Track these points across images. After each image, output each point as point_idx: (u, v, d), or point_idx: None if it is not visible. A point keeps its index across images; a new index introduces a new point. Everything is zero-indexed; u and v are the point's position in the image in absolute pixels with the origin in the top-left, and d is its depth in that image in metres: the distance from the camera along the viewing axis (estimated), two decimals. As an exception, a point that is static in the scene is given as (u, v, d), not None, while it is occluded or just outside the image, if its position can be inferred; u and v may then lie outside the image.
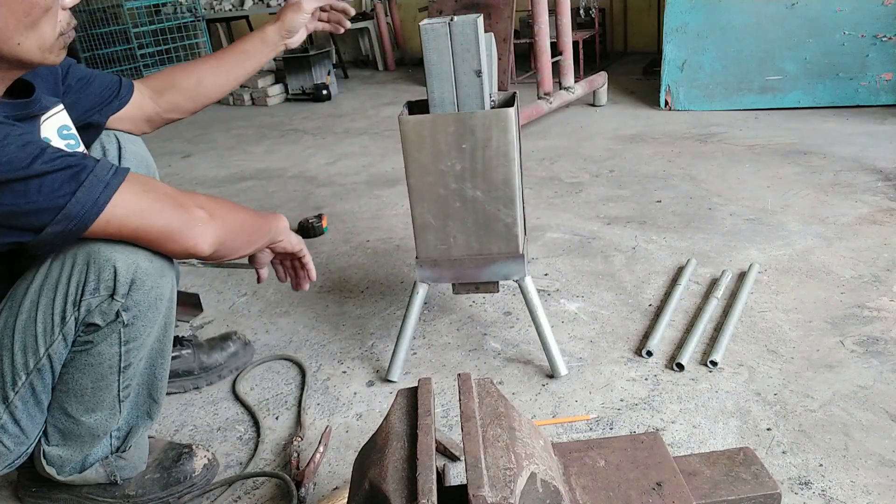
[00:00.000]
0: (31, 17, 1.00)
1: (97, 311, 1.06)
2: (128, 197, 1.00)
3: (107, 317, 1.07)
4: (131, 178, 1.02)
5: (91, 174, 0.97)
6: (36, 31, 1.02)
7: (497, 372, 1.64)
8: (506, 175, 1.42)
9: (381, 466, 0.86)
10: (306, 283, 1.42)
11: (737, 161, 2.94)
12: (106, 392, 1.15)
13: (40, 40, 1.03)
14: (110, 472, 1.26)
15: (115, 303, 1.06)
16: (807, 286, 1.87)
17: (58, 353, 1.09)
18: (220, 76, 1.52)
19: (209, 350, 1.71)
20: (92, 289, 1.04)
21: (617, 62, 5.57)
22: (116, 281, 1.04)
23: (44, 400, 1.14)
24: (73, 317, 1.06)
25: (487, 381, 0.98)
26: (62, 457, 1.20)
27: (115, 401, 1.17)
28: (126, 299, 1.07)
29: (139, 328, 1.12)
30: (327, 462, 1.39)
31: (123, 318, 1.08)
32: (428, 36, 1.35)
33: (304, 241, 1.38)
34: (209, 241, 1.07)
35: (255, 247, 1.24)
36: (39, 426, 1.16)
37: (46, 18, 1.02)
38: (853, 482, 1.21)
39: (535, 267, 2.14)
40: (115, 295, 1.05)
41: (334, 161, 3.62)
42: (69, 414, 1.16)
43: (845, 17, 3.43)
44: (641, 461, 0.99)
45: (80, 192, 0.95)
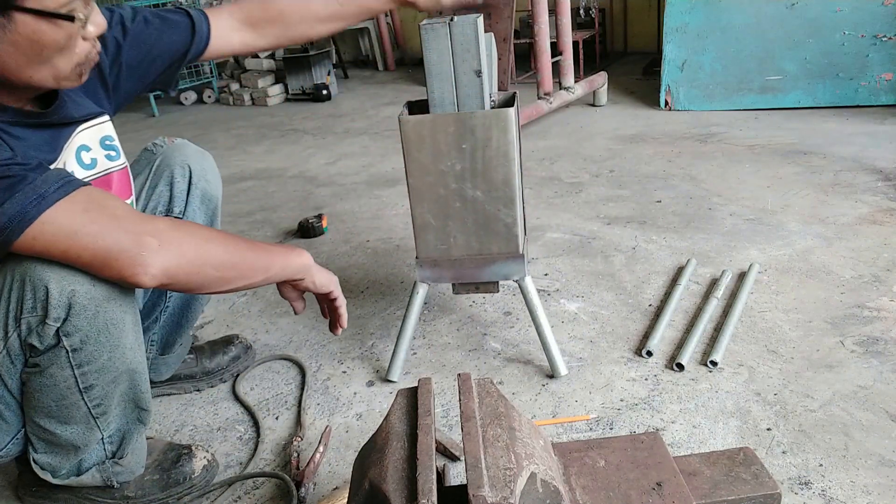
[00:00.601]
0: (43, 56, 0.98)
1: (35, 332, 1.02)
2: (62, 214, 0.93)
3: (44, 339, 1.03)
4: (76, 195, 0.95)
5: (28, 186, 0.92)
6: (49, 65, 0.99)
7: (497, 372, 1.64)
8: (506, 175, 1.42)
9: (381, 466, 0.86)
10: (338, 329, 1.30)
11: (737, 161, 2.94)
12: (74, 409, 1.12)
13: (54, 72, 1.01)
14: (107, 478, 1.25)
15: (49, 326, 1.01)
16: (807, 286, 1.87)
17: (6, 368, 1.06)
18: (336, 24, 1.41)
19: (211, 354, 1.70)
20: (30, 307, 1.00)
21: (617, 62, 5.57)
22: (48, 304, 0.99)
23: (4, 412, 1.12)
24: (16, 333, 1.02)
25: (487, 381, 0.98)
26: (52, 463, 1.20)
27: (89, 417, 1.15)
28: (65, 324, 1.02)
29: (92, 353, 1.07)
30: (327, 462, 1.39)
31: (66, 344, 1.04)
32: (428, 36, 1.35)
33: (337, 282, 1.26)
34: (153, 272, 0.98)
35: (243, 283, 1.11)
36: (8, 435, 1.15)
37: (61, 55, 0.99)
38: (853, 482, 1.21)
39: (535, 267, 2.14)
40: (48, 318, 1.00)
41: (334, 161, 3.62)
42: (43, 427, 1.14)
43: (845, 17, 3.43)
44: (641, 461, 0.99)
45: (8, 203, 0.90)
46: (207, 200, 1.46)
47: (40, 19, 0.93)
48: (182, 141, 1.47)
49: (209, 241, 1.06)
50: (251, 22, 1.39)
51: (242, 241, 1.13)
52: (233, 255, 1.09)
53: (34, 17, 0.93)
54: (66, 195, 0.94)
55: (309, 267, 1.20)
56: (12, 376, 1.08)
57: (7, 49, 0.94)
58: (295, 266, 1.18)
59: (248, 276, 1.11)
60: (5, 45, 0.94)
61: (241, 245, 1.11)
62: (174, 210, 1.42)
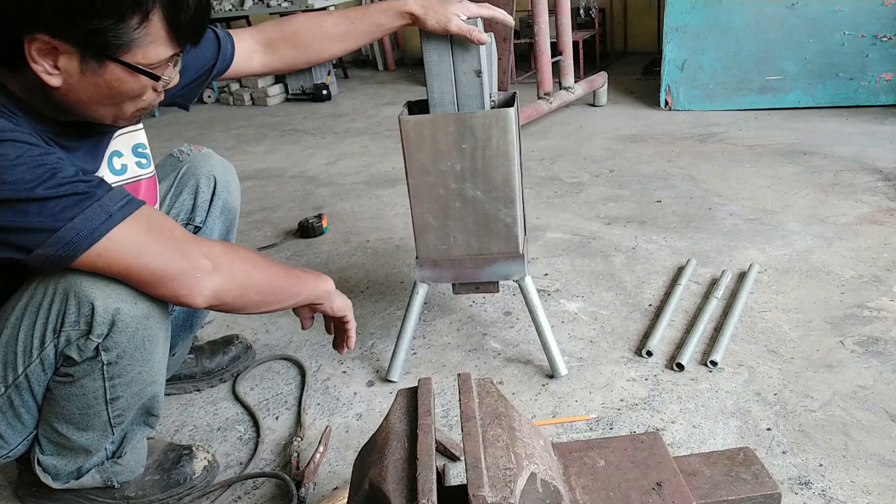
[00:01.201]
0: (115, 100, 1.01)
1: (75, 345, 1.03)
2: (127, 233, 0.96)
3: (83, 353, 1.04)
4: (139, 214, 0.98)
5: (96, 203, 0.94)
6: (116, 106, 1.02)
7: (497, 372, 1.64)
8: (506, 175, 1.42)
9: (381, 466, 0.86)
10: (343, 349, 1.35)
11: (737, 161, 2.94)
12: (95, 418, 1.13)
13: (117, 112, 1.04)
14: (107, 478, 1.26)
15: (91, 341, 1.03)
16: (807, 286, 1.87)
17: (36, 376, 1.07)
18: (349, 44, 1.44)
19: (211, 354, 1.70)
20: (72, 321, 1.02)
21: (617, 62, 5.57)
22: (94, 319, 1.01)
23: (24, 415, 1.12)
24: (53, 344, 1.04)
25: (487, 381, 0.98)
26: (56, 466, 1.20)
27: (107, 425, 1.16)
28: (106, 340, 1.04)
29: (125, 367, 1.09)
30: (327, 462, 1.39)
31: (103, 358, 1.06)
32: (428, 36, 1.35)
33: (351, 307, 1.31)
34: (205, 293, 1.02)
35: (276, 307, 1.17)
36: (21, 436, 1.15)
37: (131, 101, 1.03)
38: (853, 482, 1.21)
39: (535, 267, 2.14)
40: (92, 334, 1.02)
41: (334, 161, 3.62)
42: (59, 432, 1.15)
43: (845, 17, 3.43)
44: (641, 461, 0.99)
45: (78, 218, 0.92)
46: (227, 211, 1.49)
47: (128, 71, 0.96)
48: (208, 151, 1.49)
49: (256, 268, 1.11)
50: (269, 44, 1.43)
51: (280, 268, 1.18)
52: (272, 281, 1.14)
53: (124, 68, 0.96)
54: (129, 214, 0.97)
55: (330, 293, 1.25)
56: (41, 384, 1.09)
57: (86, 86, 0.96)
58: (319, 292, 1.23)
59: (282, 300, 1.18)
60: (87, 84, 0.96)
61: (280, 272, 1.17)
62: (195, 219, 1.45)
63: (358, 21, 1.41)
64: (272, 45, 1.43)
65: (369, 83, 5.91)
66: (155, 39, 0.96)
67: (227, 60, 1.38)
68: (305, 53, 1.43)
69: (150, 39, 0.95)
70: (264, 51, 1.43)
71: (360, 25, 1.41)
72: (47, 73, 0.93)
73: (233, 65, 1.40)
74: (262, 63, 1.44)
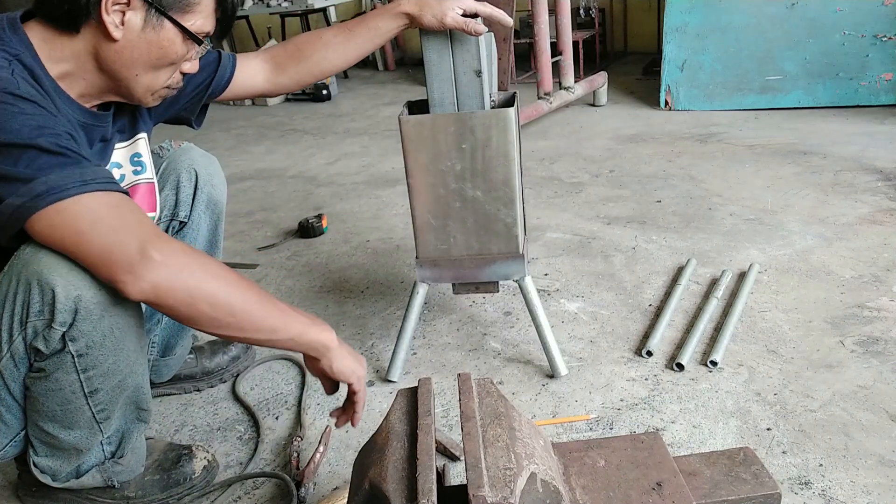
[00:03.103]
0: (158, 63, 1.11)
1: (41, 336, 1.02)
2: (93, 202, 0.95)
3: (49, 343, 1.03)
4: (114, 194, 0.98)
5: (78, 168, 0.95)
6: (154, 73, 1.12)
7: (497, 372, 1.64)
8: (506, 175, 1.42)
9: (381, 466, 0.86)
10: (342, 421, 1.19)
11: (737, 161, 2.94)
12: (78, 414, 1.13)
13: (152, 82, 1.13)
14: (107, 478, 1.26)
15: (55, 331, 1.01)
16: (807, 286, 1.87)
17: (9, 372, 1.07)
18: (350, 52, 1.44)
19: (211, 354, 1.70)
20: (37, 310, 1.00)
21: (617, 62, 5.57)
22: (55, 307, 0.99)
23: (5, 414, 1.12)
24: (21, 336, 1.03)
25: (487, 381, 0.98)
26: (52, 467, 1.20)
27: (92, 421, 1.15)
28: (71, 329, 1.02)
29: (97, 358, 1.07)
30: (327, 462, 1.39)
31: (71, 349, 1.04)
32: (428, 36, 1.35)
33: (362, 376, 1.14)
34: (143, 285, 0.95)
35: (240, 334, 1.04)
36: (7, 437, 1.15)
37: (167, 69, 1.13)
38: (853, 482, 1.21)
39: (535, 267, 2.14)
40: (54, 322, 1.00)
41: (334, 161, 3.62)
42: (46, 431, 1.15)
43: (845, 17, 3.42)
44: (641, 461, 0.99)
45: (55, 175, 0.93)
46: (213, 205, 1.48)
47: (180, 33, 1.09)
48: (188, 144, 1.48)
49: (216, 278, 1.01)
50: (276, 62, 1.46)
51: (257, 294, 1.05)
52: (236, 302, 1.01)
53: (178, 29, 1.09)
54: (105, 189, 0.97)
55: (329, 348, 1.09)
56: (16, 380, 1.09)
57: (140, 44, 1.07)
58: (309, 340, 1.08)
59: (246, 328, 1.03)
60: (142, 42, 1.07)
61: (253, 296, 1.04)
62: (179, 214, 1.44)
63: (356, 28, 1.42)
64: (278, 64, 1.46)
65: (369, 83, 5.91)
66: (204, 12, 1.11)
67: (224, 79, 1.41)
68: (309, 66, 1.45)
69: (201, 10, 1.10)
70: (271, 69, 1.46)
71: (358, 31, 1.42)
72: (115, 25, 1.03)
73: (234, 83, 1.43)
74: (267, 80, 1.46)
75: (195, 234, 1.47)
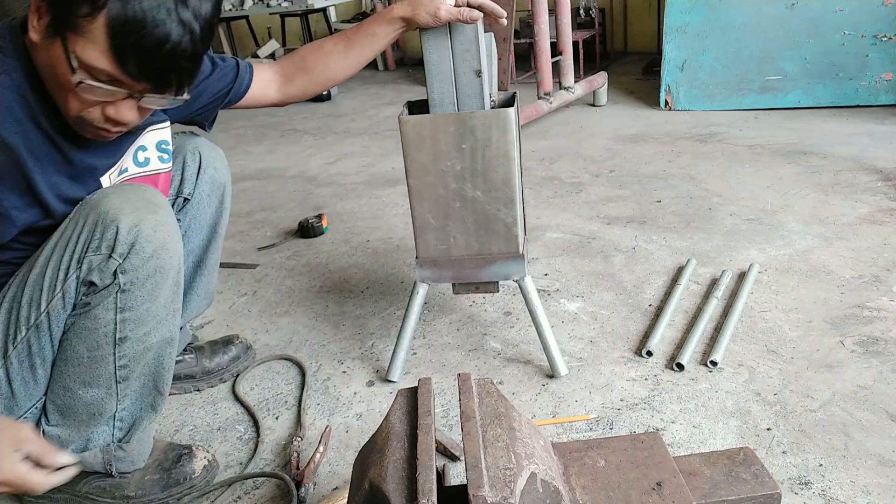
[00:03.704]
0: (59, 83, 1.01)
1: (96, 269, 1.08)
2: None
3: (104, 276, 1.09)
4: None
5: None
6: (70, 97, 1.02)
7: (497, 372, 1.64)
8: (506, 175, 1.42)
9: (381, 466, 0.86)
10: None
11: (737, 161, 2.94)
12: (102, 364, 1.16)
13: (73, 108, 1.03)
14: (107, 461, 1.26)
15: (113, 261, 1.08)
16: (807, 286, 1.87)
17: (56, 312, 1.11)
18: (350, 59, 1.47)
19: (211, 354, 1.70)
20: (95, 247, 1.07)
21: (617, 62, 5.57)
22: (117, 240, 1.07)
23: (38, 366, 1.15)
24: (76, 274, 1.09)
25: (487, 381, 0.98)
26: (61, 437, 1.21)
27: (112, 379, 1.18)
28: (125, 261, 1.08)
29: (136, 297, 1.12)
30: (327, 462, 1.39)
31: (120, 281, 1.09)
32: (428, 36, 1.35)
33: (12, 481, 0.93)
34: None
35: None
36: (31, 398, 1.17)
37: (75, 99, 1.02)
38: (853, 482, 1.21)
39: (535, 267, 2.14)
40: (114, 254, 1.07)
41: (334, 161, 3.62)
42: (67, 387, 1.17)
43: (845, 17, 3.42)
44: (641, 461, 0.99)
45: None
46: (216, 187, 1.52)
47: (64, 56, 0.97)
48: (193, 132, 1.54)
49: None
50: (285, 74, 1.50)
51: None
52: None
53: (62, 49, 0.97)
54: None
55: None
56: (59, 323, 1.12)
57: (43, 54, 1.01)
58: None
59: None
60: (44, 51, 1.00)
61: None
62: (184, 191, 1.48)
63: (354, 36, 1.45)
64: (287, 75, 1.50)
65: (369, 83, 5.91)
66: (94, 42, 0.95)
67: (242, 88, 1.45)
68: (314, 76, 1.49)
69: (90, 37, 0.94)
70: (281, 80, 1.50)
71: (356, 39, 1.44)
72: (32, 27, 0.99)
73: (250, 93, 1.46)
74: (279, 91, 1.50)
75: (197, 212, 1.52)
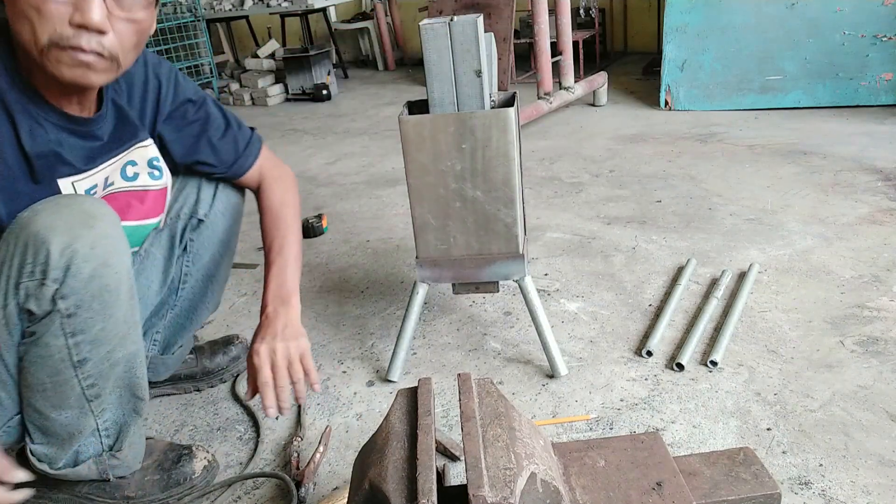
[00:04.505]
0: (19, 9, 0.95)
1: (33, 297, 1.01)
2: None
3: (41, 304, 1.02)
4: None
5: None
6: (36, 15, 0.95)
7: (497, 372, 1.64)
8: (506, 175, 1.42)
9: (381, 466, 0.86)
10: None
11: (737, 161, 2.94)
12: (67, 388, 1.11)
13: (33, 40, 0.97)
14: (102, 470, 1.25)
15: (48, 287, 1.00)
16: (807, 286, 1.87)
17: (3, 341, 1.06)
18: None
19: (211, 354, 1.70)
20: (29, 272, 1.00)
21: (617, 62, 5.57)
22: (48, 264, 0.99)
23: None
24: (15, 301, 1.02)
25: (487, 381, 0.98)
26: (48, 454, 1.19)
27: (82, 399, 1.14)
28: (62, 286, 1.01)
29: (85, 320, 1.06)
30: (327, 462, 1.39)
31: (61, 307, 1.03)
32: (428, 36, 1.35)
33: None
34: None
35: None
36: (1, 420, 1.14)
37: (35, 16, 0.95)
38: (853, 482, 1.21)
39: (535, 267, 2.14)
40: (47, 279, 1.00)
41: (334, 161, 3.62)
42: (39, 410, 1.13)
43: (845, 17, 3.43)
44: (641, 461, 0.99)
45: None
46: (232, 206, 1.50)
47: None
48: None
49: None
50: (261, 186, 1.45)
51: None
52: None
53: None
54: None
55: None
56: (9, 350, 1.07)
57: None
58: None
59: None
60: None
61: None
62: (199, 212, 1.45)
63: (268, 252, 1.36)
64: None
65: (369, 83, 5.91)
66: None
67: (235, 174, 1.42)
68: None
69: None
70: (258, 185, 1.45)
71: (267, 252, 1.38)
72: None
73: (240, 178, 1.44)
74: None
75: (212, 232, 1.48)
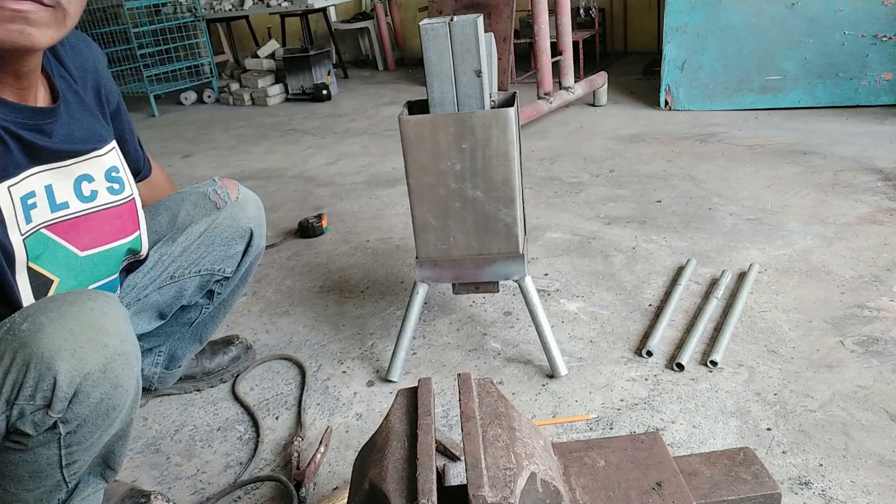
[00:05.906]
0: None
1: (30, 419, 0.91)
2: None
3: (39, 427, 0.92)
4: None
5: None
6: None
7: (497, 372, 1.64)
8: (506, 175, 1.42)
9: (381, 466, 0.86)
10: None
11: (737, 161, 2.94)
12: (47, 479, 1.02)
13: None
14: None
15: (50, 417, 0.91)
16: (807, 286, 1.87)
17: None
18: None
19: (211, 354, 1.70)
20: (28, 395, 0.89)
21: (617, 62, 5.56)
22: (55, 394, 0.89)
23: None
24: (5, 415, 0.91)
25: (487, 381, 0.98)
26: None
27: (61, 482, 1.05)
28: (66, 413, 0.92)
29: (84, 435, 0.98)
30: (327, 462, 1.39)
31: (61, 430, 0.94)
32: (428, 36, 1.35)
33: None
34: None
35: None
36: None
37: None
38: (853, 482, 1.21)
39: (535, 267, 2.14)
40: (51, 410, 0.90)
41: (334, 161, 3.62)
42: (6, 489, 1.03)
43: (845, 17, 3.43)
44: (641, 461, 0.99)
45: None
46: (256, 254, 1.51)
47: None
48: (244, 196, 1.45)
49: None
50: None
51: None
52: None
53: None
54: None
55: None
56: None
57: None
58: None
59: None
60: None
61: None
62: (225, 270, 1.45)
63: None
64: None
65: (369, 83, 5.91)
66: None
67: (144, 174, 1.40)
68: None
69: None
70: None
71: None
72: None
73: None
74: None
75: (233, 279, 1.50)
